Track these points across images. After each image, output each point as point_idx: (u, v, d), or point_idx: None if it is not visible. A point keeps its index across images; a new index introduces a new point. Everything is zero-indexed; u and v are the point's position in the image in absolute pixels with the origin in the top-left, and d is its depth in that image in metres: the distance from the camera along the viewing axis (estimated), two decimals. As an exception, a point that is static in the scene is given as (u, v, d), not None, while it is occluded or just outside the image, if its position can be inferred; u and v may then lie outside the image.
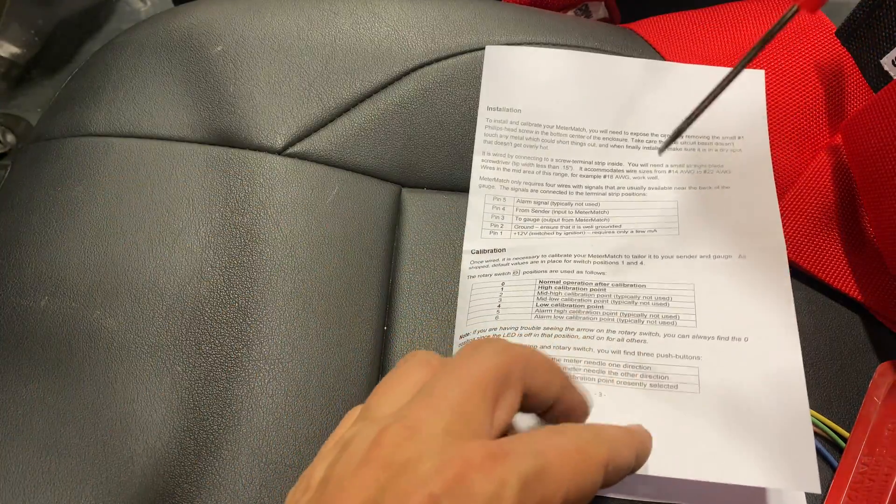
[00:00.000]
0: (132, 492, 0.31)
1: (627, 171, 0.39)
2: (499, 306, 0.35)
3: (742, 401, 0.31)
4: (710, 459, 0.30)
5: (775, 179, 0.37)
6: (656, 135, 0.39)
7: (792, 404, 0.31)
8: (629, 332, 0.33)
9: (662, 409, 0.31)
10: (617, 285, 0.35)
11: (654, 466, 0.30)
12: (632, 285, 0.35)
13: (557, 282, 0.35)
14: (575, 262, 0.36)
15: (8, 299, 0.35)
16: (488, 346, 0.23)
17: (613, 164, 0.39)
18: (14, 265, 0.35)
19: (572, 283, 0.35)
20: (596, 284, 0.35)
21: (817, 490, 0.28)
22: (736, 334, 0.33)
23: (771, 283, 0.34)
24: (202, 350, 0.33)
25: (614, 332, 0.33)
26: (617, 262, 0.35)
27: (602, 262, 0.35)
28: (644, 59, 0.41)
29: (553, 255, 0.36)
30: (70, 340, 0.33)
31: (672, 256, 0.35)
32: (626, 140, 0.39)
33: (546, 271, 0.36)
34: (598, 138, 0.39)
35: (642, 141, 0.39)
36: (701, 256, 0.35)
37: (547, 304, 0.35)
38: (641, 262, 0.35)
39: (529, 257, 0.37)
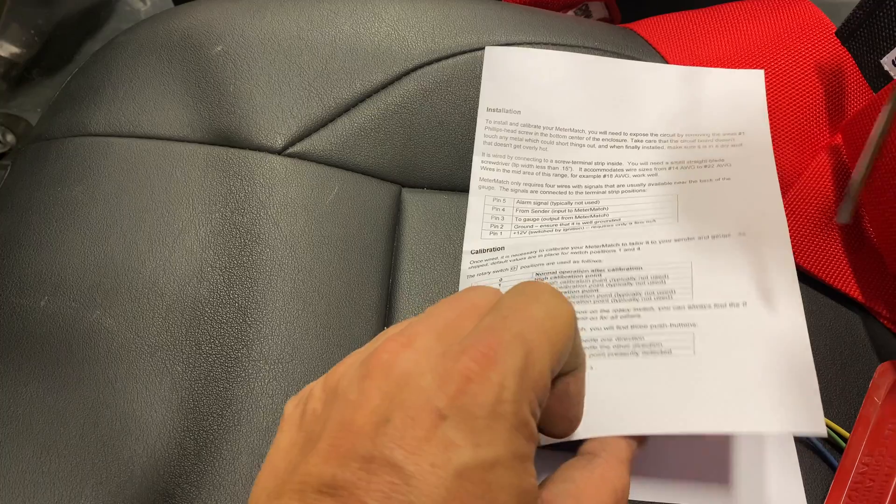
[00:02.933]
0: (132, 492, 0.31)
1: (627, 170, 0.38)
2: None
3: (741, 357, 0.29)
4: (709, 411, 0.28)
5: None
6: (656, 135, 0.39)
7: (794, 356, 0.29)
8: (623, 310, 0.32)
9: (656, 373, 0.29)
10: (613, 269, 0.34)
11: (650, 424, 0.28)
12: (628, 269, 0.34)
13: (554, 272, 0.35)
14: (573, 253, 0.35)
15: (8, 299, 0.35)
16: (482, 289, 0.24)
17: (613, 164, 0.39)
18: (14, 265, 0.35)
19: (568, 272, 0.35)
20: (592, 271, 0.34)
21: (822, 433, 0.27)
22: (734, 300, 0.31)
23: (772, 254, 0.32)
24: (202, 350, 0.33)
25: (608, 311, 0.32)
26: (614, 250, 0.35)
27: (599, 252, 0.35)
28: (643, 62, 0.41)
29: (551, 250, 0.36)
30: (70, 340, 0.33)
31: (670, 240, 0.34)
32: (625, 140, 0.39)
33: (543, 264, 0.35)
34: (598, 139, 0.39)
35: (641, 141, 0.39)
36: (700, 238, 0.34)
37: None
38: (638, 248, 0.35)
39: (528, 253, 0.36)
